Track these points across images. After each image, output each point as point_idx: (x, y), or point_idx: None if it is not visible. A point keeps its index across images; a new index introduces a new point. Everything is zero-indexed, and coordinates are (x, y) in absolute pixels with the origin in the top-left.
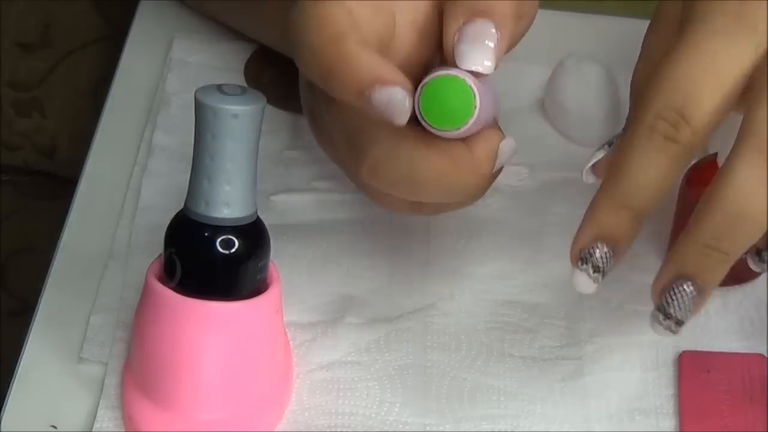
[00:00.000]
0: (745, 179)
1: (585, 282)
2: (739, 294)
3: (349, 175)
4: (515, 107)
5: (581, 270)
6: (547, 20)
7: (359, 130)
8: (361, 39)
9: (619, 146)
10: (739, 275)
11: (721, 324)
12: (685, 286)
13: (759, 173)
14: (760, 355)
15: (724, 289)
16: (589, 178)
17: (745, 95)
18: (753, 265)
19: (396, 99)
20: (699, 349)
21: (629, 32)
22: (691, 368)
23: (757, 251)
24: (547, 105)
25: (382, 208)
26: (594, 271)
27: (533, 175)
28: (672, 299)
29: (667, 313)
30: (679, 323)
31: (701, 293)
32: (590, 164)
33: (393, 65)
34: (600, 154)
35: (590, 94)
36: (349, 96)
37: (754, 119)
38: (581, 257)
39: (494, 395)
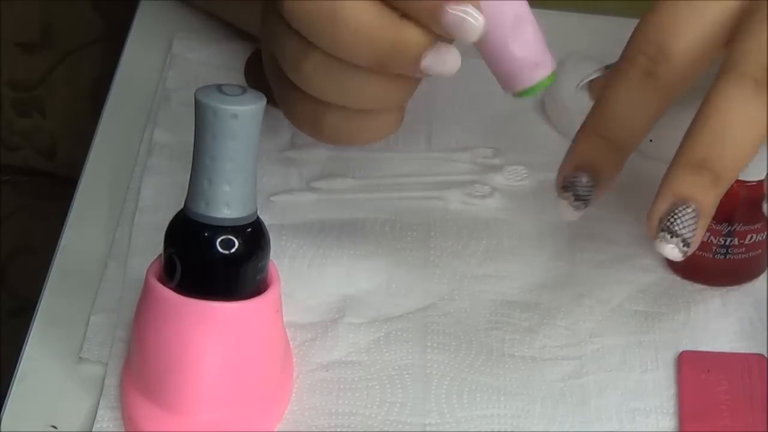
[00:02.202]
0: (729, 98)
1: (567, 210)
2: (739, 294)
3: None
4: (515, 107)
5: (564, 198)
6: (547, 20)
7: None
8: None
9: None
10: (739, 275)
11: (721, 324)
12: (685, 208)
13: (743, 92)
14: (760, 355)
15: (724, 289)
16: (584, 96)
17: (728, 43)
18: None
19: (469, 18)
20: (699, 349)
21: (629, 32)
22: (691, 368)
23: None
24: (547, 105)
25: (296, 121)
26: (575, 200)
27: (533, 175)
28: (675, 219)
29: (672, 231)
30: (686, 243)
31: (700, 216)
32: (586, 80)
33: None
34: (597, 74)
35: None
36: (421, 18)
37: (737, 49)
38: (564, 186)
39: (494, 395)
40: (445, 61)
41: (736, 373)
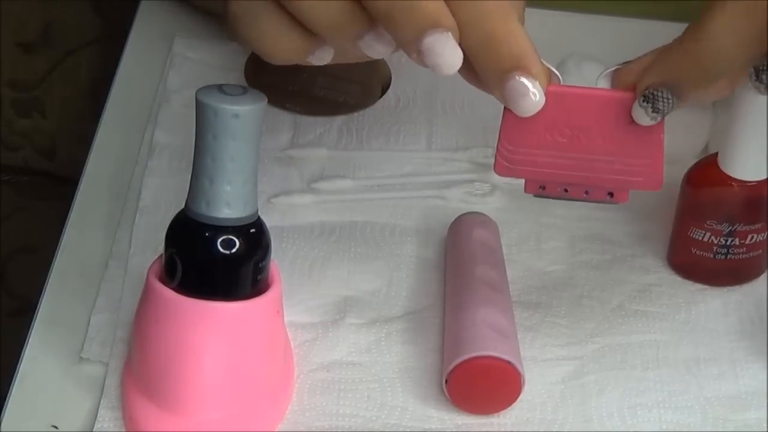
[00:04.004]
0: (727, 13)
1: (643, 117)
2: (739, 294)
3: None
4: None
5: (642, 107)
6: (547, 20)
7: None
8: None
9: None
10: (739, 275)
11: (722, 324)
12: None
13: (740, 8)
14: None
15: (724, 289)
16: (604, 83)
17: None
18: (755, 85)
19: (530, 96)
20: (699, 349)
21: (629, 32)
22: None
23: (755, 72)
24: None
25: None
26: (653, 111)
27: None
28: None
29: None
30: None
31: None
32: (610, 70)
33: None
34: (619, 66)
35: None
36: (488, 69)
37: None
38: (645, 96)
39: None
40: (447, 53)
41: None
